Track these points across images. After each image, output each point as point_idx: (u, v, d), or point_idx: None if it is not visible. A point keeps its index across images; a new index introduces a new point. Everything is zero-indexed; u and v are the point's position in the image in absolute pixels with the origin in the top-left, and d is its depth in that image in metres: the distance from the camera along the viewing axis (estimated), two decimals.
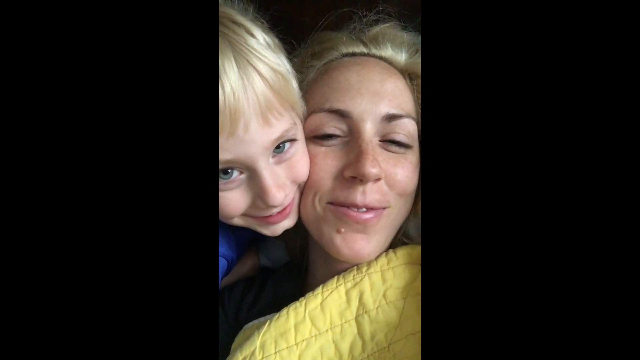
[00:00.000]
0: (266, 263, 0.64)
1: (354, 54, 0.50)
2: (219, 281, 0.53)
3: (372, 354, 0.40)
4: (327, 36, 0.52)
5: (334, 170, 0.44)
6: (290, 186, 0.44)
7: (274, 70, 0.39)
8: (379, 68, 0.48)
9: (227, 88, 0.35)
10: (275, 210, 0.44)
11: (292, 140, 0.43)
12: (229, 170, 0.40)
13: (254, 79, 0.37)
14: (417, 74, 0.49)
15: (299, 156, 0.44)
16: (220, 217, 0.44)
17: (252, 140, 0.38)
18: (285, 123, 0.40)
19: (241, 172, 0.41)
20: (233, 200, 0.42)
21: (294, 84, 0.43)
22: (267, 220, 0.45)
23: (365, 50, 0.50)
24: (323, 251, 0.50)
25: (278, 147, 0.41)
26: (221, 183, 0.40)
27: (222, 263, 0.50)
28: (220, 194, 0.41)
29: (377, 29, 0.51)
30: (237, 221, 0.45)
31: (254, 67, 0.37)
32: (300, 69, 0.50)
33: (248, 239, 0.56)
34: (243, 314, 0.53)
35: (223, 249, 0.50)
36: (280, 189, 0.41)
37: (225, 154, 0.38)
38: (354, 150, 0.43)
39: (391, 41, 0.50)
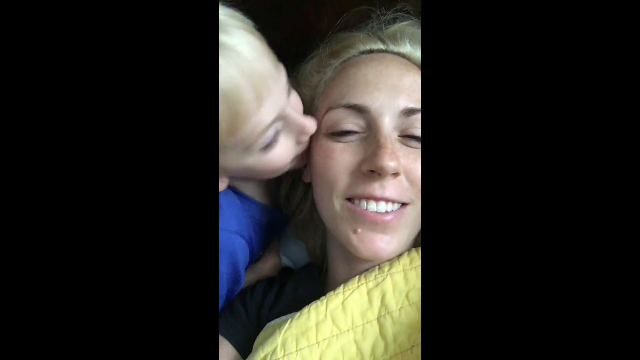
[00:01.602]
0: (287, 263, 0.64)
1: (371, 51, 0.50)
2: (245, 265, 0.53)
3: (395, 356, 0.40)
4: (344, 35, 0.53)
5: (350, 165, 0.44)
6: None
7: None
8: (397, 63, 0.47)
9: None
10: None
11: None
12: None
13: None
14: None
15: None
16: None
17: None
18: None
19: None
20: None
21: None
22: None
23: (383, 47, 0.50)
24: (343, 251, 0.49)
25: None
26: None
27: (241, 242, 0.51)
28: None
29: (395, 26, 0.51)
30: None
31: None
32: (318, 69, 0.51)
33: (266, 222, 0.56)
34: (264, 313, 0.53)
35: (237, 226, 0.50)
36: None
37: None
38: (371, 145, 0.43)
39: (409, 37, 0.50)
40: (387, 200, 0.43)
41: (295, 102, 0.46)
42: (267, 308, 0.53)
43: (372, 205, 0.43)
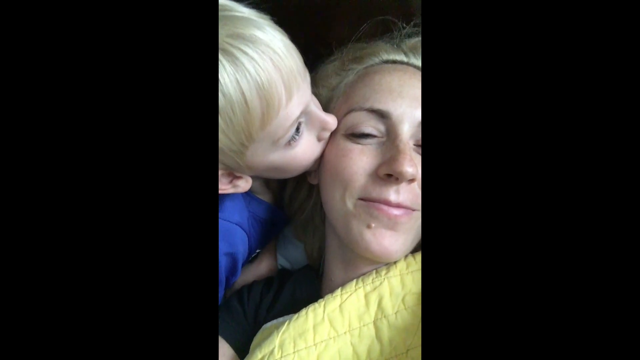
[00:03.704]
0: (284, 264, 0.65)
1: (394, 62, 0.52)
2: (243, 258, 0.54)
3: (390, 359, 0.41)
4: (367, 44, 0.54)
5: (368, 167, 0.45)
6: None
7: None
8: (419, 76, 0.49)
9: None
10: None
11: None
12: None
13: None
14: None
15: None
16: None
17: None
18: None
19: None
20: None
21: None
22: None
23: (405, 59, 0.52)
24: (342, 253, 0.50)
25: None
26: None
27: (241, 234, 0.52)
28: None
29: (416, 39, 0.53)
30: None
31: None
32: (339, 72, 0.52)
33: (266, 220, 0.57)
34: (262, 314, 0.53)
35: (238, 218, 0.52)
36: None
37: None
38: (390, 150, 0.44)
39: None
40: (400, 206, 0.44)
41: (315, 100, 0.48)
42: (265, 309, 0.54)
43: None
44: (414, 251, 0.49)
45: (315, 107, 0.46)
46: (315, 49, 0.57)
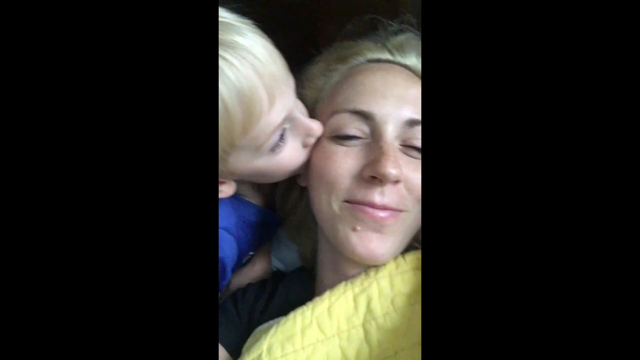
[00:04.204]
0: (279, 266, 0.65)
1: (379, 60, 0.51)
2: (232, 262, 0.54)
3: None
4: (352, 43, 0.54)
5: (352, 169, 0.45)
6: None
7: None
8: (404, 75, 0.49)
9: None
10: None
11: None
12: None
13: None
14: None
15: None
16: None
17: None
18: None
19: None
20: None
21: None
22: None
23: (390, 57, 0.51)
24: (332, 256, 0.50)
25: None
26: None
27: (228, 238, 0.52)
28: None
29: (401, 37, 0.52)
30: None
31: None
32: (324, 72, 0.52)
33: (256, 223, 0.57)
34: (256, 317, 0.53)
35: (225, 222, 0.51)
36: None
37: None
38: (374, 152, 0.44)
39: (415, 50, 0.51)
40: (385, 208, 0.44)
41: (300, 105, 0.48)
42: (259, 312, 0.54)
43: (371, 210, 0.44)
44: (404, 252, 0.49)
45: (300, 113, 0.46)
46: (304, 49, 0.57)
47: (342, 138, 0.46)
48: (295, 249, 0.63)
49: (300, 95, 0.52)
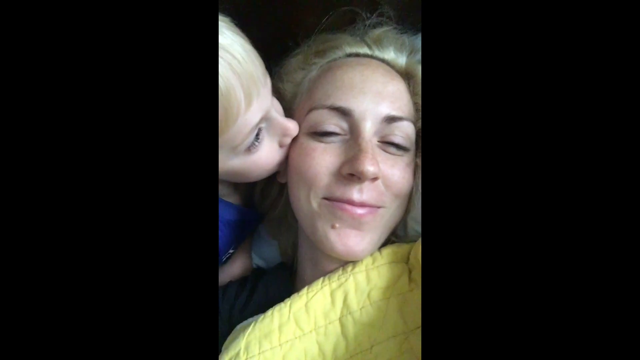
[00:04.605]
0: (259, 262, 0.65)
1: (357, 55, 0.50)
2: None
3: (355, 355, 0.40)
4: (330, 36, 0.53)
5: (331, 166, 0.44)
6: None
7: None
8: (382, 70, 0.48)
9: None
10: None
11: None
12: None
13: None
14: (413, 74, 0.49)
15: None
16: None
17: None
18: None
19: None
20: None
21: None
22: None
23: (368, 51, 0.50)
24: (311, 251, 0.50)
25: None
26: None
27: None
28: None
29: (379, 31, 0.52)
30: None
31: None
32: (302, 66, 0.51)
33: (234, 221, 0.56)
34: (236, 315, 0.53)
35: None
36: None
37: None
38: (353, 149, 0.43)
39: (393, 44, 0.51)
40: (364, 205, 0.44)
41: (277, 104, 0.47)
42: (239, 309, 0.54)
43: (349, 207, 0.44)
44: (381, 246, 0.49)
45: (276, 113, 0.45)
46: (283, 42, 0.56)
47: (320, 134, 0.46)
48: (276, 245, 0.63)
49: (279, 89, 0.52)
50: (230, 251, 0.60)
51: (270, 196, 0.59)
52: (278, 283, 0.55)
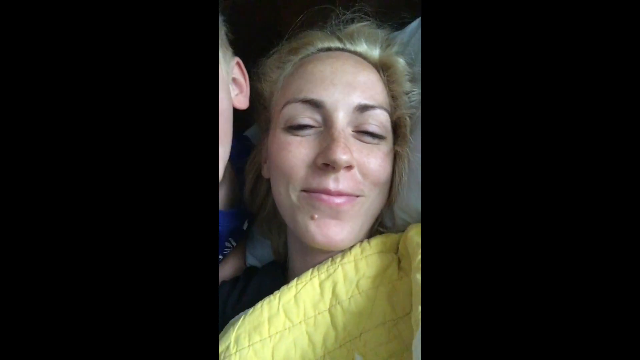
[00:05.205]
0: (253, 262, 0.65)
1: (329, 49, 0.51)
2: None
3: (345, 344, 0.40)
4: (304, 33, 0.54)
5: (307, 158, 0.45)
6: None
7: None
8: (352, 61, 0.49)
9: None
10: None
11: None
12: None
13: None
14: (389, 65, 0.50)
15: None
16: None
17: None
18: None
19: None
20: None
21: None
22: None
23: (340, 45, 0.51)
24: (299, 245, 0.50)
25: None
26: None
27: None
28: None
29: (353, 27, 0.53)
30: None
31: None
32: (278, 65, 0.52)
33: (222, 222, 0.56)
34: (229, 313, 0.53)
35: None
36: None
37: None
38: (326, 139, 0.44)
39: (366, 38, 0.51)
40: (341, 194, 0.44)
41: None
42: (231, 307, 0.54)
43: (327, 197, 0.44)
44: (370, 237, 0.49)
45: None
46: (266, 39, 0.57)
47: (295, 128, 0.46)
48: (268, 244, 0.63)
49: (257, 89, 0.53)
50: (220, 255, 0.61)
51: (260, 195, 0.59)
52: (270, 280, 0.55)
